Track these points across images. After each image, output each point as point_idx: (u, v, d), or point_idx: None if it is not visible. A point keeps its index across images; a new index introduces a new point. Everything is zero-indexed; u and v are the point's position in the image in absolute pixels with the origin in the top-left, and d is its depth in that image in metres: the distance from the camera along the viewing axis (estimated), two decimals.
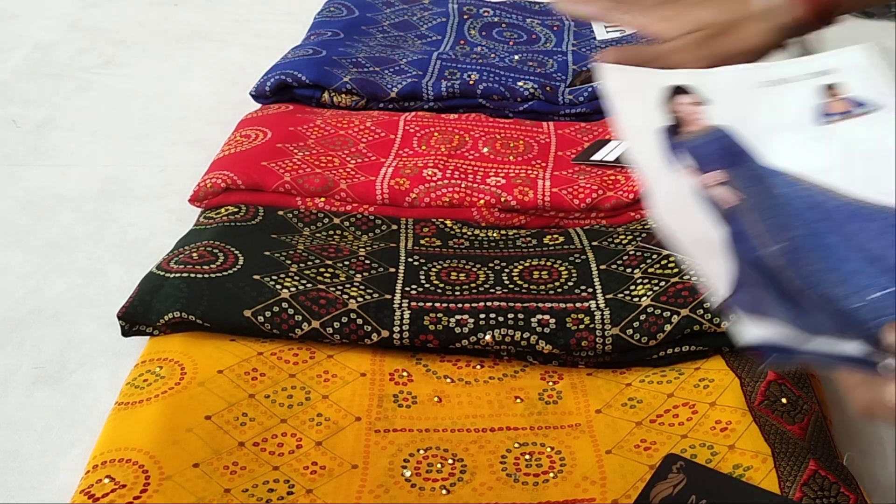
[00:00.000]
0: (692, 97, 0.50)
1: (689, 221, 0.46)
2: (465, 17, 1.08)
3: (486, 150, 0.80)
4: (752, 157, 0.48)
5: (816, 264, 0.44)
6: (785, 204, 0.46)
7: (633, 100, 0.50)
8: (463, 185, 0.74)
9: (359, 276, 0.63)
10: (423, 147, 0.80)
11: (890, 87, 0.48)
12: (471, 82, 0.89)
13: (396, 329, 0.59)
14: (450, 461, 0.53)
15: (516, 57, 0.97)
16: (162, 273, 0.62)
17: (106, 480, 0.49)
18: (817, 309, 0.42)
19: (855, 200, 0.45)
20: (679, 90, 0.50)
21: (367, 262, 0.65)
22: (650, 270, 0.63)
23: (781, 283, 0.44)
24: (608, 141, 0.82)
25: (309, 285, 0.61)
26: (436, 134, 0.82)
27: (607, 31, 0.63)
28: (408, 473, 0.52)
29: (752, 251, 0.45)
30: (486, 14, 1.09)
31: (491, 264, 0.66)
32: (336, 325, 0.59)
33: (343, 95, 0.88)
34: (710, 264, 0.44)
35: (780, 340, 0.41)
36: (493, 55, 0.98)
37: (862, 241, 0.44)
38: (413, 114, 0.86)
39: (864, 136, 0.47)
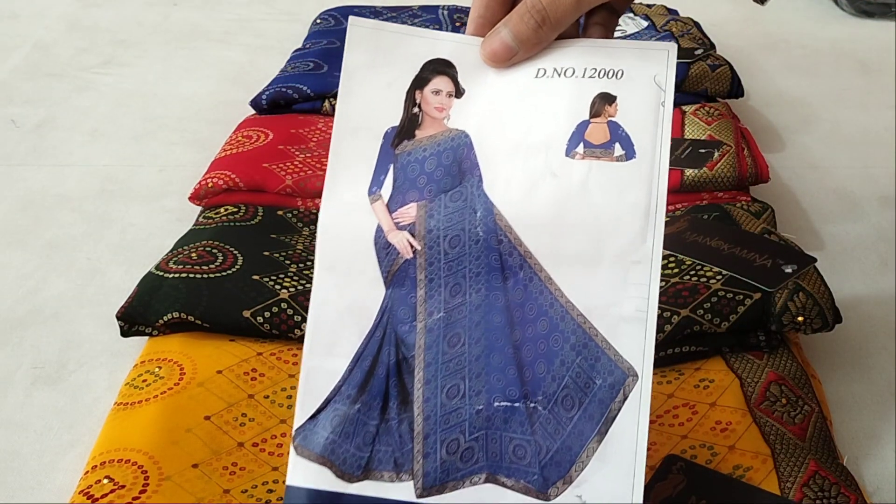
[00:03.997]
0: (449, 83, 0.43)
1: (344, 283, 0.41)
2: (458, 24, 1.07)
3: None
4: (475, 179, 0.42)
5: (466, 347, 0.40)
6: (475, 257, 0.41)
7: (373, 79, 0.42)
8: None
9: None
10: None
11: (656, 127, 0.40)
12: None
13: None
14: None
15: None
16: (161, 273, 0.61)
17: (105, 481, 0.49)
18: (430, 414, 0.40)
19: (547, 280, 0.40)
20: (443, 66, 0.43)
21: None
22: None
23: (399, 384, 0.41)
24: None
25: (308, 285, 0.61)
26: None
27: None
28: None
29: (400, 323, 0.41)
30: None
31: None
32: None
33: None
34: (322, 359, 0.41)
35: (325, 485, 0.40)
36: None
37: (528, 335, 0.40)
38: None
39: (597, 196, 0.40)
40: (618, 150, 0.41)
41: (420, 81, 0.43)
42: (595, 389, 0.39)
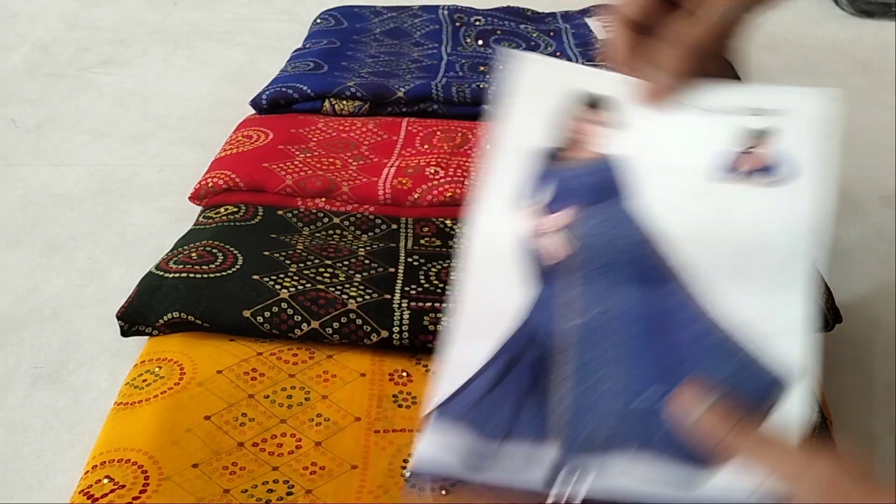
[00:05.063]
0: (600, 114, 0.45)
1: (492, 282, 0.43)
2: (458, 24, 1.07)
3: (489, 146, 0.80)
4: (625, 196, 0.44)
5: (608, 350, 0.42)
6: (621, 267, 0.43)
7: (528, 105, 0.45)
8: (466, 183, 0.73)
9: (358, 276, 0.63)
10: (426, 146, 0.80)
11: (813, 160, 0.42)
12: (482, 85, 0.88)
13: (396, 329, 0.59)
14: None
15: None
16: (161, 273, 0.61)
17: (105, 481, 0.49)
18: (566, 412, 0.41)
19: (692, 293, 0.42)
20: (593, 101, 0.45)
21: (367, 261, 0.65)
22: None
23: (542, 375, 0.42)
24: None
25: (308, 285, 0.61)
26: (438, 133, 0.81)
27: (607, 31, 0.63)
28: (408, 474, 0.52)
29: (547, 324, 0.43)
30: (477, 23, 1.07)
31: None
32: (335, 325, 0.58)
33: (345, 102, 0.86)
34: (464, 350, 0.42)
35: (451, 467, 0.41)
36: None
37: (670, 343, 0.42)
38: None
39: (749, 218, 0.42)
40: (773, 176, 0.42)
41: (574, 110, 0.45)
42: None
